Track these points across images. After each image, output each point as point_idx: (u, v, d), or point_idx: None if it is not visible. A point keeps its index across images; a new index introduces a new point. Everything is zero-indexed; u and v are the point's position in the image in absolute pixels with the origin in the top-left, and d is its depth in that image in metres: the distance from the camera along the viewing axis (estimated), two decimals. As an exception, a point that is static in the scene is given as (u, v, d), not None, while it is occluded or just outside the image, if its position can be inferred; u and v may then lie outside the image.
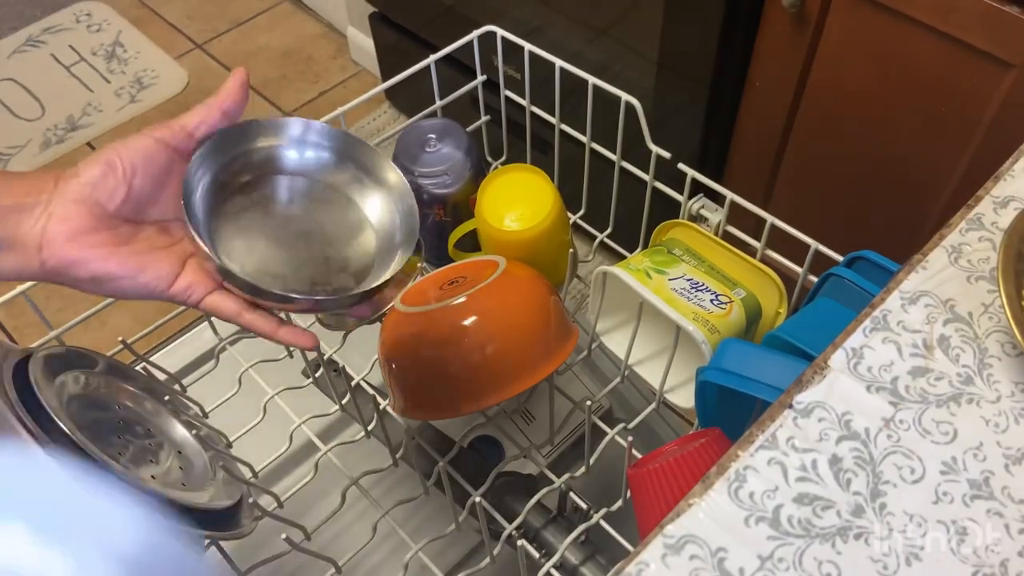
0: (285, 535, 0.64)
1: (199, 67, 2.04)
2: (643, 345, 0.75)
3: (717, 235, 0.73)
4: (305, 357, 0.76)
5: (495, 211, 0.72)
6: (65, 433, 0.51)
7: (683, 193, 0.74)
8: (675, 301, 0.67)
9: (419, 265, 0.74)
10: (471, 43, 0.80)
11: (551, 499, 0.70)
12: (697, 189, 0.74)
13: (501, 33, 0.80)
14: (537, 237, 0.71)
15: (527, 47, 0.78)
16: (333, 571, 0.70)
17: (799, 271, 0.69)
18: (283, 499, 0.70)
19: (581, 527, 0.67)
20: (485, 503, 0.67)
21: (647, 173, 0.77)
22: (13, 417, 0.50)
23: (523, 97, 0.82)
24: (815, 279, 0.65)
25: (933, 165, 1.00)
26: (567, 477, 0.69)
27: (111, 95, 1.97)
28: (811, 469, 0.42)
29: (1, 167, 1.82)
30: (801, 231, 0.68)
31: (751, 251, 0.72)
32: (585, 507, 0.69)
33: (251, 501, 0.65)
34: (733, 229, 0.74)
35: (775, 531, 0.40)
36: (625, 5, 1.13)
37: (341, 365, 0.75)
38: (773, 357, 0.57)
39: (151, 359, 0.71)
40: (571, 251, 0.74)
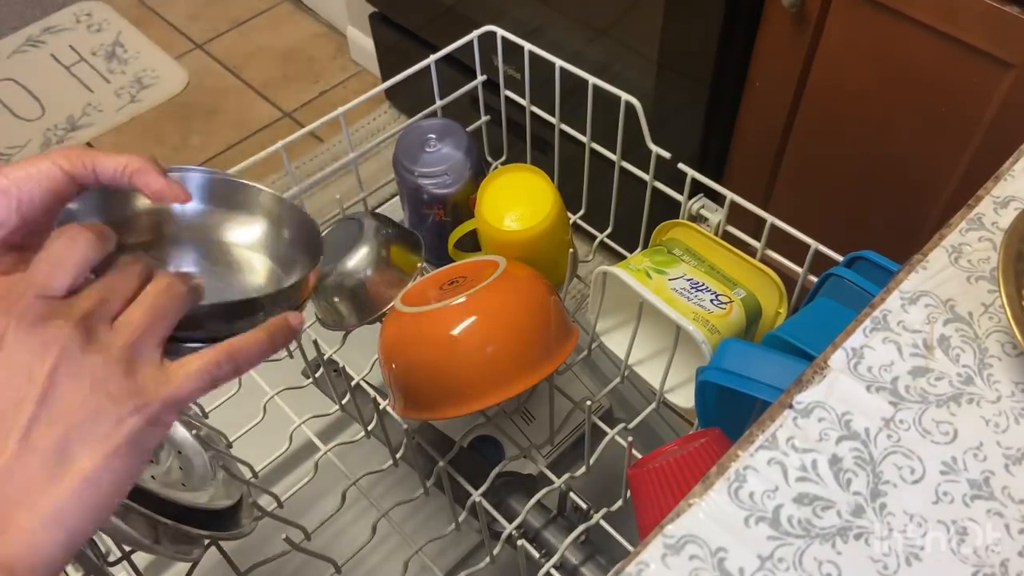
0: (285, 535, 0.64)
1: (199, 67, 2.04)
2: (643, 345, 0.75)
3: (717, 235, 0.73)
4: (305, 357, 0.76)
5: (495, 211, 0.72)
6: None
7: (683, 193, 0.74)
8: (675, 301, 0.67)
9: (419, 265, 0.74)
10: (471, 43, 0.80)
11: (551, 499, 0.70)
12: (697, 189, 0.74)
13: (501, 33, 0.80)
14: (537, 237, 0.71)
15: (527, 47, 0.78)
16: (333, 571, 0.70)
17: (799, 271, 0.69)
18: (283, 499, 0.70)
19: (581, 527, 0.67)
20: (485, 503, 0.67)
21: (647, 173, 0.77)
22: None
23: (523, 97, 0.82)
24: (815, 279, 0.65)
25: (933, 165, 1.00)
26: (567, 477, 0.69)
27: (111, 95, 1.97)
28: (811, 469, 0.42)
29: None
30: (801, 231, 0.68)
31: (751, 251, 0.72)
32: (585, 507, 0.69)
33: (251, 501, 0.65)
34: (733, 229, 0.74)
35: (775, 531, 0.40)
36: (625, 5, 1.13)
37: (341, 365, 0.75)
38: (773, 357, 0.57)
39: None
40: (571, 251, 0.74)
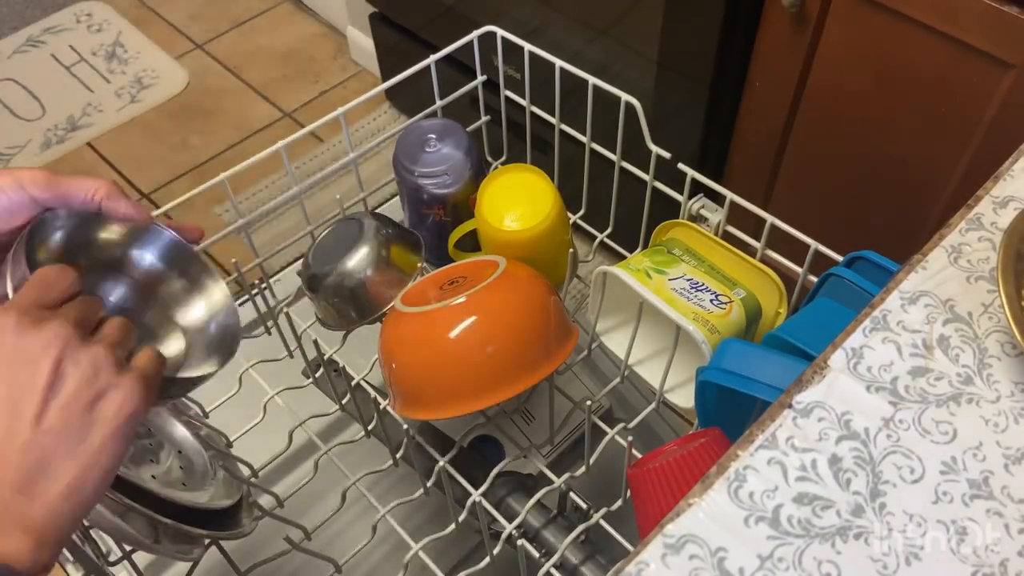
0: (285, 535, 0.64)
1: (199, 67, 2.04)
2: (643, 345, 0.75)
3: (717, 235, 0.73)
4: (305, 357, 0.76)
5: (495, 211, 0.72)
6: None
7: (683, 193, 0.74)
8: (675, 301, 0.67)
9: (419, 265, 0.74)
10: (471, 43, 0.80)
11: (551, 499, 0.70)
12: (697, 189, 0.74)
13: (501, 33, 0.80)
14: (537, 237, 0.71)
15: (527, 47, 0.78)
16: (333, 571, 0.70)
17: (799, 271, 0.69)
18: (283, 499, 0.70)
19: (581, 527, 0.67)
20: (485, 503, 0.67)
21: (647, 173, 0.77)
22: None
23: (523, 97, 0.82)
24: (815, 279, 0.65)
25: (933, 165, 1.00)
26: (567, 477, 0.69)
27: (111, 95, 1.98)
28: (811, 469, 0.42)
29: (2, 167, 1.81)
30: (801, 231, 0.68)
31: (751, 251, 0.72)
32: (585, 507, 0.69)
33: (251, 501, 0.65)
34: (733, 229, 0.74)
35: (775, 531, 0.40)
36: (625, 5, 1.13)
37: (341, 365, 0.75)
38: (773, 357, 0.57)
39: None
40: (571, 251, 0.74)
